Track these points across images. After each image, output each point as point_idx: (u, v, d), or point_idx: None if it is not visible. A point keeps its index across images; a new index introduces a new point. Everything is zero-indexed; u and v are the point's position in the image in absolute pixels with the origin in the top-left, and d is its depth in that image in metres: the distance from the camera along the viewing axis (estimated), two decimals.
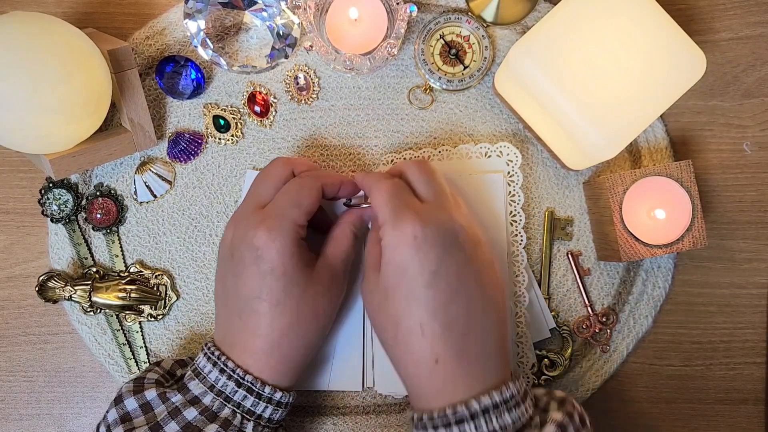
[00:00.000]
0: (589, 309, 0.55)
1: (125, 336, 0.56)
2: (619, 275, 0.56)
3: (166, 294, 0.56)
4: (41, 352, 0.57)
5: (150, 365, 0.51)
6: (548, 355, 0.55)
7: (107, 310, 0.56)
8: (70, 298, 0.55)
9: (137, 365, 0.56)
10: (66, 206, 0.56)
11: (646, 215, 0.52)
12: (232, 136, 0.56)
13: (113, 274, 0.56)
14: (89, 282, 0.55)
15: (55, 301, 0.56)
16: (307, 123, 0.57)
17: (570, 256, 0.55)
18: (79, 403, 0.57)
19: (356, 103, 0.57)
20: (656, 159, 0.56)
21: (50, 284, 0.55)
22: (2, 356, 0.57)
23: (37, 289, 0.55)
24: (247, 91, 0.56)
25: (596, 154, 0.48)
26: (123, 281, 0.55)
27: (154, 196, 0.56)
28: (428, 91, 0.56)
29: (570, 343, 0.55)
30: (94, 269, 0.56)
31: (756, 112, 0.56)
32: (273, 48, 0.55)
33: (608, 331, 0.55)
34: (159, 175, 0.56)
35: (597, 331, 0.55)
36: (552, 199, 0.56)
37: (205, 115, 0.56)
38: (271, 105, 0.56)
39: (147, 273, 0.56)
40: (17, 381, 0.57)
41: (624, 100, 0.47)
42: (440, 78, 0.55)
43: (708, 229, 0.55)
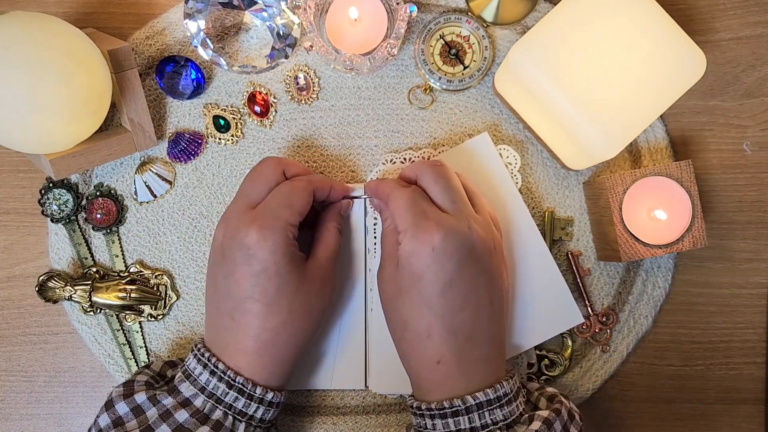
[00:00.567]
0: (589, 309, 0.55)
1: (125, 336, 0.56)
2: (619, 275, 0.56)
3: (166, 294, 0.56)
4: (41, 352, 0.57)
5: (140, 368, 0.51)
6: (548, 355, 0.55)
7: (107, 310, 0.55)
8: (70, 298, 0.55)
9: (137, 365, 0.56)
10: (66, 206, 0.56)
11: (646, 215, 0.52)
12: (232, 136, 0.56)
13: (113, 274, 0.56)
14: (89, 282, 0.55)
15: (55, 301, 0.56)
16: (307, 123, 0.57)
17: (570, 256, 0.55)
18: (79, 403, 0.57)
19: (356, 103, 0.57)
20: (656, 159, 0.56)
21: (50, 284, 0.55)
22: (2, 356, 0.57)
23: (37, 289, 0.55)
24: (247, 91, 0.56)
25: (596, 154, 0.48)
26: (123, 281, 0.55)
27: (154, 196, 0.56)
28: (428, 91, 0.56)
29: (570, 343, 0.55)
30: (94, 269, 0.56)
31: (756, 112, 0.56)
32: (273, 48, 0.55)
33: (608, 331, 0.55)
34: (159, 175, 0.56)
35: (597, 331, 0.55)
36: (552, 199, 0.56)
37: (205, 115, 0.56)
38: (271, 105, 0.56)
39: (147, 273, 0.56)
40: (17, 381, 0.57)
41: (624, 100, 0.47)
42: (440, 78, 0.55)
43: (708, 229, 0.55)
